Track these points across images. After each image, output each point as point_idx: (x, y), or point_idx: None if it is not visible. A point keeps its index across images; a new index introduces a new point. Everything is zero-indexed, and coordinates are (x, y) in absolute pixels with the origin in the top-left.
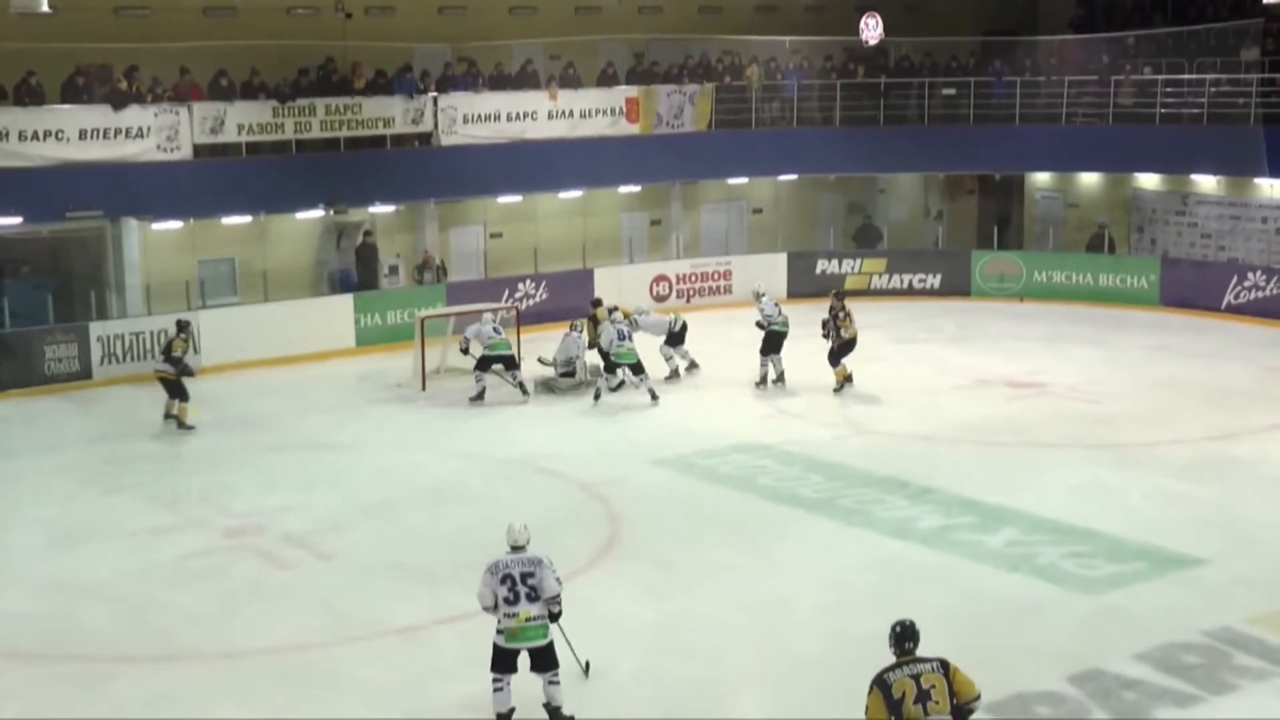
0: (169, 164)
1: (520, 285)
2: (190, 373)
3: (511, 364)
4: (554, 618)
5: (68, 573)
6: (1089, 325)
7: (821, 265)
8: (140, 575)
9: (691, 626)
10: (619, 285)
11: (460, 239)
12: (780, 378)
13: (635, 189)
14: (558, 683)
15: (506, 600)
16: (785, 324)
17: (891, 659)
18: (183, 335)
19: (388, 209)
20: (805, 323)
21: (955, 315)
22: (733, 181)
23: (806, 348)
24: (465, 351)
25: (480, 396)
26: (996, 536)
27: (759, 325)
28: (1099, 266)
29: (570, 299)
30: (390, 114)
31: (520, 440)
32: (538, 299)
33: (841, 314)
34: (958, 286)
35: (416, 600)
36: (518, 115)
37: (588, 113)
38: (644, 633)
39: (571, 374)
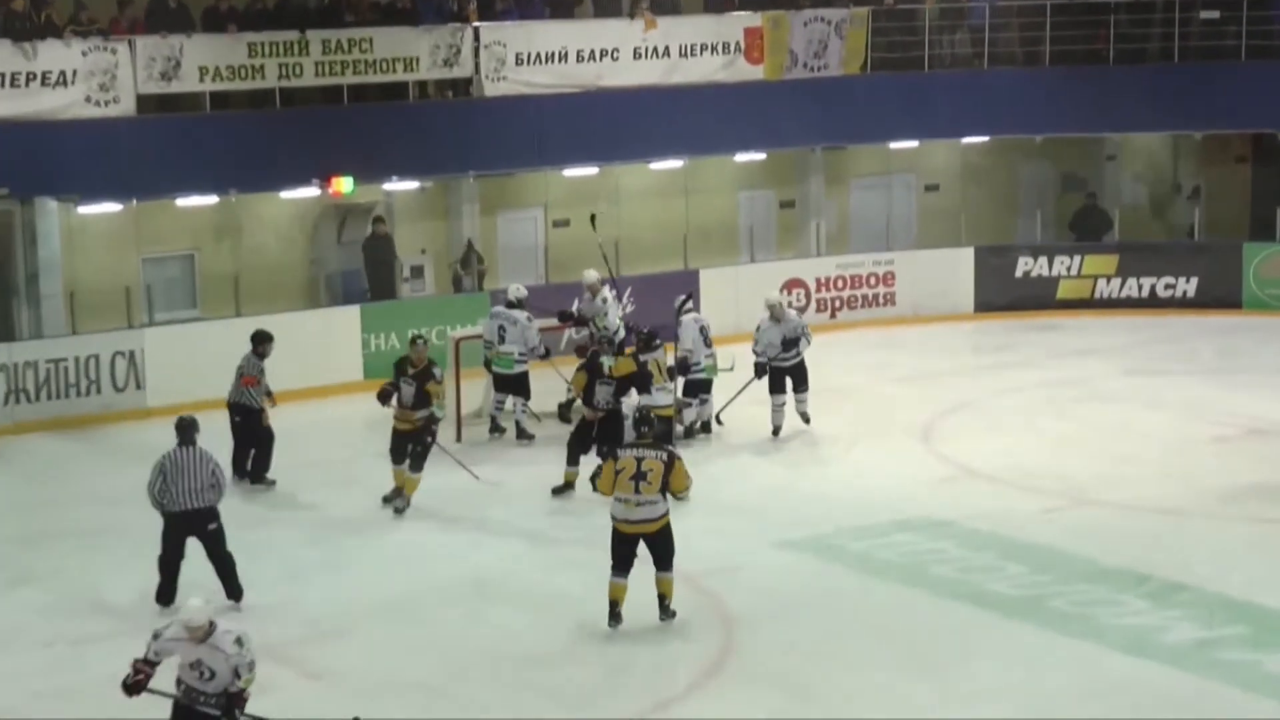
0: (103, 122)
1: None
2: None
3: (520, 388)
4: None
5: None
6: None
7: (1024, 265)
8: (59, 700)
9: None
10: (735, 292)
11: (511, 228)
12: (707, 425)
13: (758, 157)
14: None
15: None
16: (713, 368)
17: None
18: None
19: (409, 186)
20: (1001, 346)
21: (1218, 336)
22: (896, 146)
23: (1005, 380)
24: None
25: (495, 430)
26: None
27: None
28: None
29: (667, 311)
30: (413, 52)
31: (595, 512)
32: (621, 311)
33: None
34: (1222, 295)
35: None
36: (592, 54)
37: (691, 49)
38: None
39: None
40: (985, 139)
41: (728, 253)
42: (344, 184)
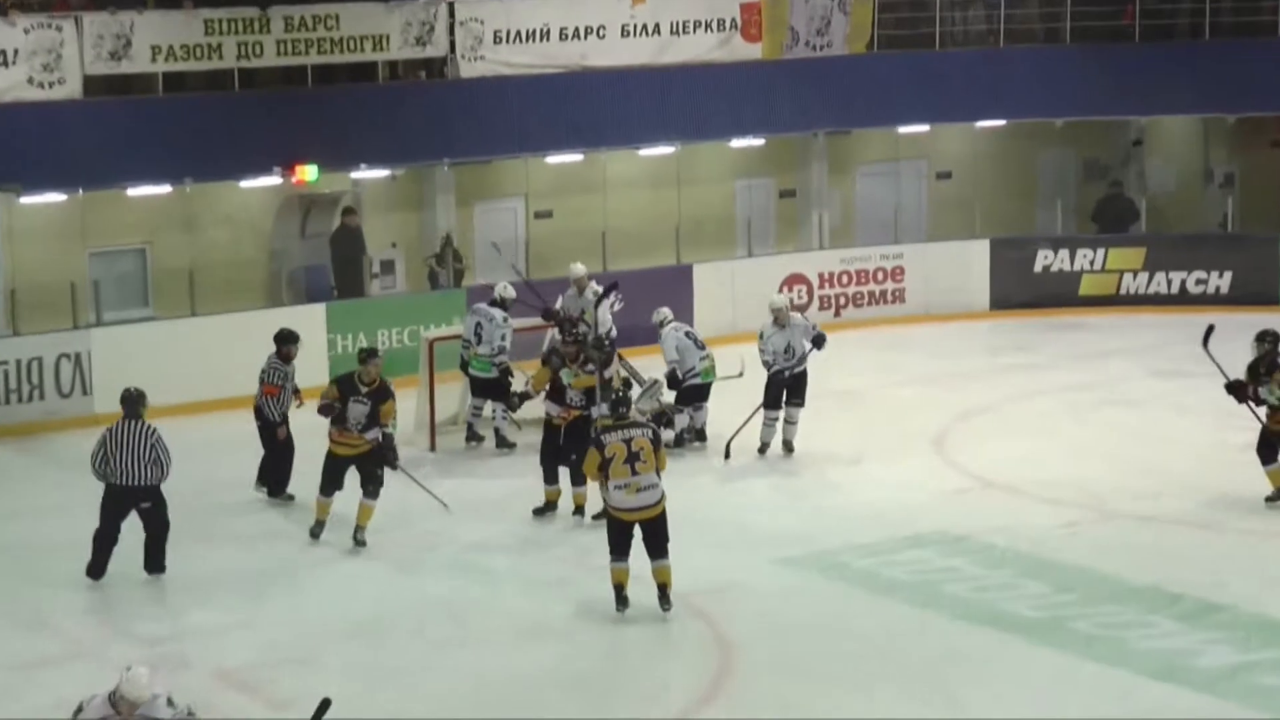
0: (47, 106)
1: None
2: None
3: (499, 392)
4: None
5: None
6: None
7: (1044, 258)
8: None
9: None
10: (731, 289)
11: (489, 220)
12: (701, 433)
13: (756, 143)
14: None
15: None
16: (711, 370)
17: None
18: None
19: (378, 174)
20: (1019, 346)
21: (1253, 334)
22: (906, 131)
23: (1023, 384)
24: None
25: (473, 438)
26: None
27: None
28: None
29: (655, 308)
30: (383, 30)
31: (579, 530)
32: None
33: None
34: (1258, 290)
35: None
36: (576, 32)
37: (684, 26)
38: None
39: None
40: (1001, 123)
41: (723, 246)
42: (308, 172)
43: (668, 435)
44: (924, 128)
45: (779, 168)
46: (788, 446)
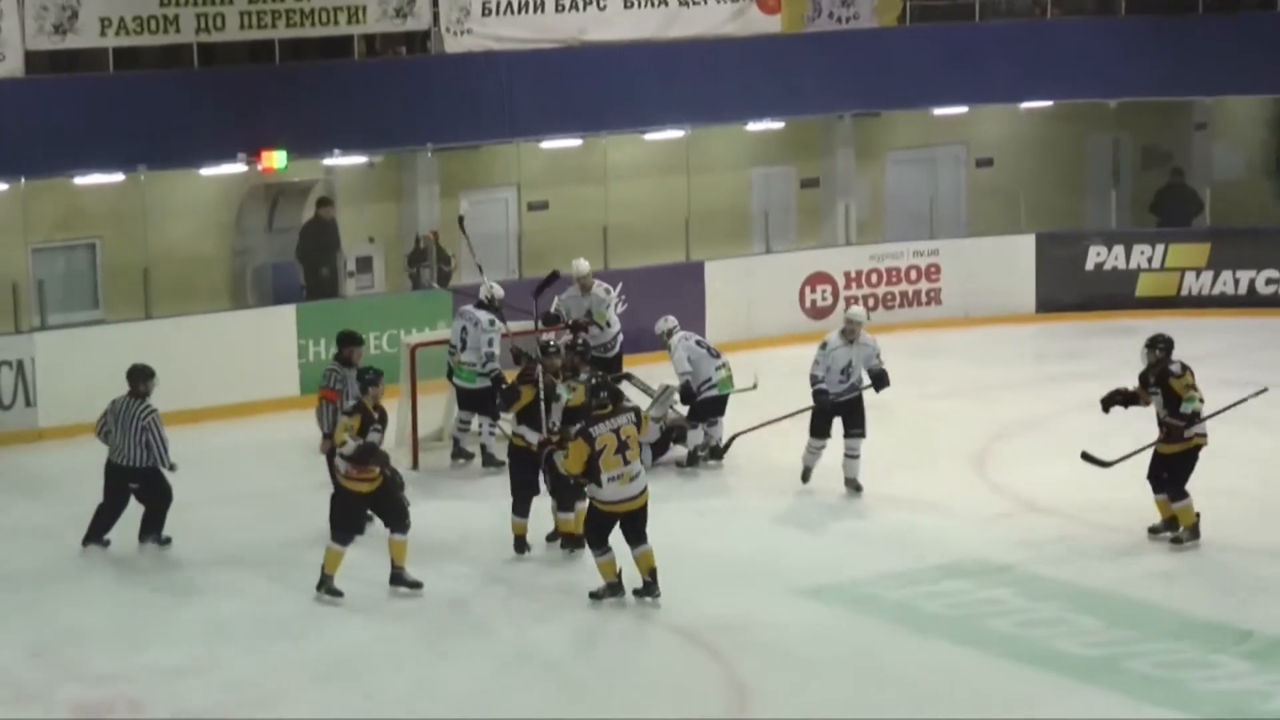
0: None
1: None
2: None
3: (487, 405)
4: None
5: None
6: None
7: (1096, 255)
8: None
9: None
10: (747, 289)
11: (477, 211)
12: (717, 450)
13: (775, 126)
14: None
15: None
16: (728, 381)
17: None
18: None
19: (355, 161)
20: (1069, 353)
21: None
22: (942, 113)
23: (1074, 395)
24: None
25: (459, 455)
26: None
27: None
28: None
29: (664, 311)
30: (359, 0)
31: (571, 556)
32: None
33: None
34: None
35: None
36: (574, 3)
37: None
38: None
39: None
40: (1048, 104)
41: (738, 241)
42: (276, 159)
43: (680, 452)
44: (962, 109)
45: (800, 154)
46: (853, 486)
